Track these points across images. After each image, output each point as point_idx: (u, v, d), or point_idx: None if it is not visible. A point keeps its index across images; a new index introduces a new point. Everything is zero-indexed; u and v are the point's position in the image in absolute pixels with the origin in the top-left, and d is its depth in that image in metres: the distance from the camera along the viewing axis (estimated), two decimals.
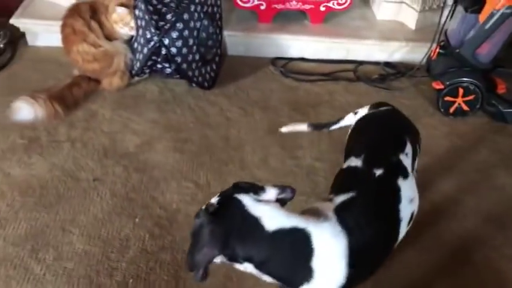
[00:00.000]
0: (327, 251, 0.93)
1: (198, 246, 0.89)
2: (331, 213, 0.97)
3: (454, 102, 1.93)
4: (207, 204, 0.92)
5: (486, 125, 1.94)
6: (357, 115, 1.33)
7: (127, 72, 1.94)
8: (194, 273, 0.90)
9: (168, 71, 1.90)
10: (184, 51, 1.80)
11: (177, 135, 1.77)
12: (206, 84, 1.96)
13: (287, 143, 1.78)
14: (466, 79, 1.88)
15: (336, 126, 1.43)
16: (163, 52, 1.77)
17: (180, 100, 1.94)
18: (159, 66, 1.87)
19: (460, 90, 1.90)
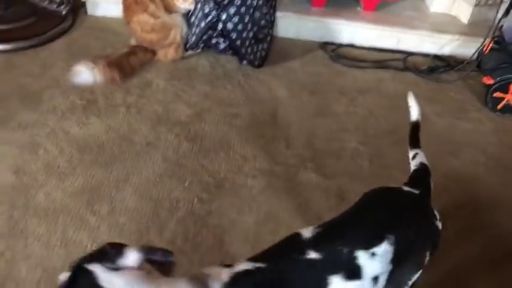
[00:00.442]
0: None
1: None
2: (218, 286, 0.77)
3: (503, 98, 1.92)
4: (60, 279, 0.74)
5: None
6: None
7: (182, 45, 2.00)
8: None
9: (222, 46, 1.95)
10: (239, 27, 1.84)
11: (227, 109, 1.82)
12: (256, 63, 2.01)
13: (333, 126, 1.81)
14: None
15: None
16: (219, 27, 1.83)
17: (230, 76, 1.99)
18: (214, 41, 1.93)
19: (511, 87, 1.89)
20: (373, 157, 1.69)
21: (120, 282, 0.70)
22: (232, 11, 1.80)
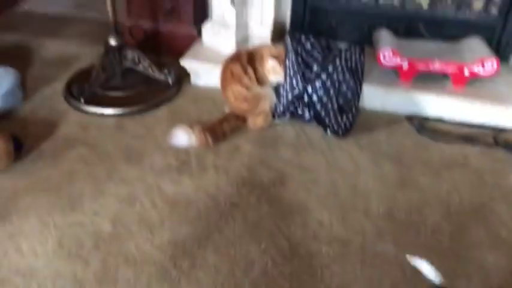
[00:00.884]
0: None
1: None
2: None
3: None
4: None
5: None
6: None
7: (270, 114, 2.15)
8: None
9: (307, 116, 2.07)
10: (324, 99, 1.95)
11: (307, 175, 1.90)
12: (340, 133, 2.09)
13: (415, 198, 1.81)
14: None
15: None
16: (305, 99, 1.95)
17: (313, 145, 2.08)
18: (300, 111, 2.05)
19: None
20: (454, 234, 1.65)
21: None
22: (318, 84, 1.92)
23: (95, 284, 1.47)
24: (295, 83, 1.95)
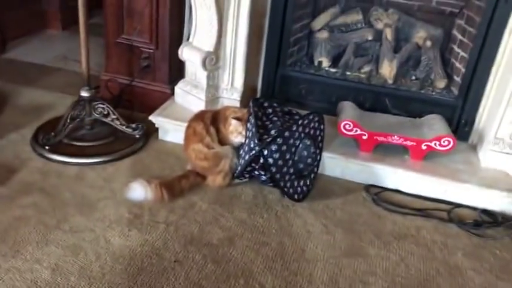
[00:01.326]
0: None
1: None
2: None
3: None
4: None
5: None
6: None
7: (230, 174, 2.18)
8: None
9: (264, 178, 2.10)
10: (279, 163, 1.99)
11: (258, 237, 1.90)
12: (296, 197, 2.11)
13: (361, 267, 1.80)
14: None
15: None
16: (261, 161, 1.99)
17: (269, 206, 2.09)
18: (256, 173, 2.09)
19: None
20: None
21: None
22: (273, 148, 1.97)
23: None
24: (252, 145, 2.00)
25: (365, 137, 2.32)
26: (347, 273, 1.77)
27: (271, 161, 1.98)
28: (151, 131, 2.55)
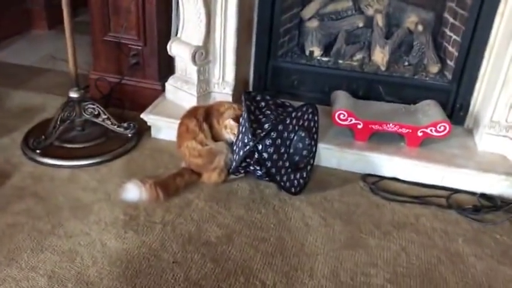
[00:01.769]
0: None
1: None
2: None
3: None
4: None
5: None
6: None
7: (225, 170, 2.15)
8: None
9: (259, 173, 2.07)
10: (274, 157, 1.96)
11: (256, 233, 1.88)
12: (293, 190, 2.08)
13: (362, 259, 1.78)
14: None
15: None
16: (255, 156, 1.96)
17: (266, 201, 2.07)
18: (252, 168, 2.06)
19: None
20: None
21: None
22: (268, 142, 1.94)
23: None
24: (246, 140, 1.97)
25: (360, 126, 2.29)
26: (348, 265, 1.75)
27: (266, 155, 1.95)
28: (143, 130, 2.51)
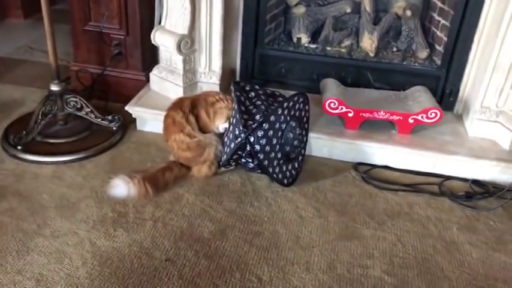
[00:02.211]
0: None
1: None
2: None
3: None
4: None
5: None
6: None
7: (215, 162, 2.09)
8: None
9: (251, 165, 2.02)
10: (267, 149, 1.92)
11: (250, 227, 1.84)
12: (285, 182, 2.04)
13: (358, 250, 1.76)
14: None
15: None
16: (247, 148, 1.91)
17: (259, 193, 2.03)
18: (243, 160, 2.01)
19: None
20: None
21: None
22: (259, 133, 1.89)
23: None
24: (237, 132, 1.91)
25: (351, 114, 2.26)
26: (344, 257, 1.73)
27: (258, 147, 1.90)
28: (128, 122, 2.44)
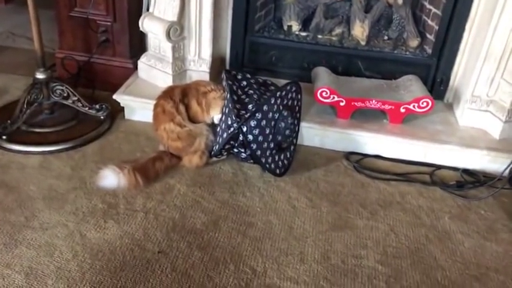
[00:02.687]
0: None
1: None
2: None
3: None
4: None
5: None
6: None
7: (206, 152, 2.06)
8: None
9: (243, 155, 2.00)
10: (260, 139, 1.89)
11: (243, 218, 1.82)
12: (278, 172, 2.03)
13: (351, 240, 1.76)
14: None
15: None
16: (240, 138, 1.89)
17: (251, 184, 2.01)
18: (236, 150, 1.98)
19: None
20: (390, 279, 1.61)
21: None
22: (252, 123, 1.86)
23: None
24: (230, 121, 1.89)
25: (343, 103, 2.24)
26: (338, 248, 1.72)
27: (251, 137, 1.87)
28: (116, 111, 2.39)
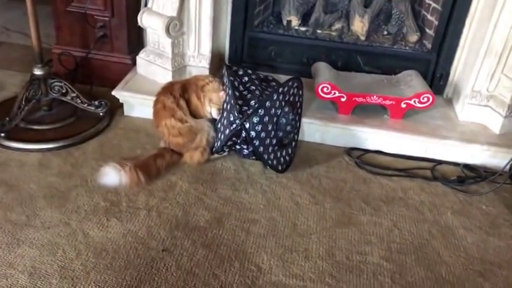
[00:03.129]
0: None
1: None
2: None
3: None
4: None
5: None
6: None
7: (208, 148, 2.05)
8: None
9: (246, 152, 1.99)
10: (262, 135, 1.88)
11: (246, 215, 1.81)
12: (280, 168, 2.02)
13: (356, 236, 1.76)
14: None
15: None
16: (243, 135, 1.87)
17: (253, 180, 2.00)
18: (238, 147, 1.97)
19: None
20: (395, 275, 1.61)
21: None
22: (255, 120, 1.85)
23: None
24: (232, 118, 1.87)
25: (344, 99, 2.23)
26: (342, 244, 1.72)
27: (253, 133, 1.86)
28: (115, 107, 2.37)
